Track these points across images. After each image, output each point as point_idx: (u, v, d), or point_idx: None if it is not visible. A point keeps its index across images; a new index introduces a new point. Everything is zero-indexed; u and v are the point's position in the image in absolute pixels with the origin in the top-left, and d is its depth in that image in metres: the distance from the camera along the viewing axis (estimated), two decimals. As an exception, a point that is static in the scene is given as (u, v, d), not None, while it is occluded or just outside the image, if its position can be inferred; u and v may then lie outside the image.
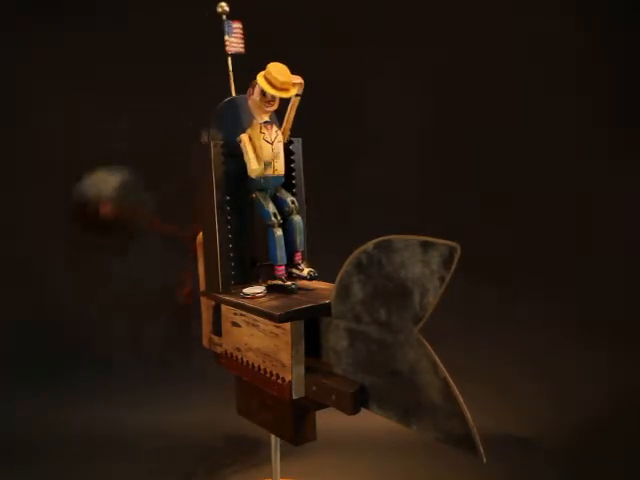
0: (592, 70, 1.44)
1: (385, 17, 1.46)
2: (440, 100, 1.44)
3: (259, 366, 0.69)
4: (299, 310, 0.63)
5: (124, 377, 1.33)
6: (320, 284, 0.73)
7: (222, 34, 0.78)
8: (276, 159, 0.72)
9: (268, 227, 0.72)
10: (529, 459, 1.10)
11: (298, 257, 0.74)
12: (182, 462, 1.12)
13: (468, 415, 0.49)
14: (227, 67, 0.79)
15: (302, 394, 0.65)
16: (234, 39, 0.78)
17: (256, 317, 0.68)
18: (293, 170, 0.79)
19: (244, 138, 0.72)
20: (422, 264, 0.50)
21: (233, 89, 0.79)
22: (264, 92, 0.69)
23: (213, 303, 0.78)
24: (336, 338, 0.61)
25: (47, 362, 1.38)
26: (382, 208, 1.43)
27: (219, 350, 0.78)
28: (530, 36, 1.43)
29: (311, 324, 0.64)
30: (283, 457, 0.87)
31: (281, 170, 0.73)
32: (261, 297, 0.69)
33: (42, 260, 1.43)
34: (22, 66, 1.42)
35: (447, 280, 0.48)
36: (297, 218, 0.74)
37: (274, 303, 0.67)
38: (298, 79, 0.70)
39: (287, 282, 0.71)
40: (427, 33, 1.43)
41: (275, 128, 0.73)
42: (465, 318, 1.34)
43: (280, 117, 0.75)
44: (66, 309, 1.38)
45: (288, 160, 0.78)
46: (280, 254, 0.72)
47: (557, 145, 1.46)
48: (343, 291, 0.59)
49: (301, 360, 0.64)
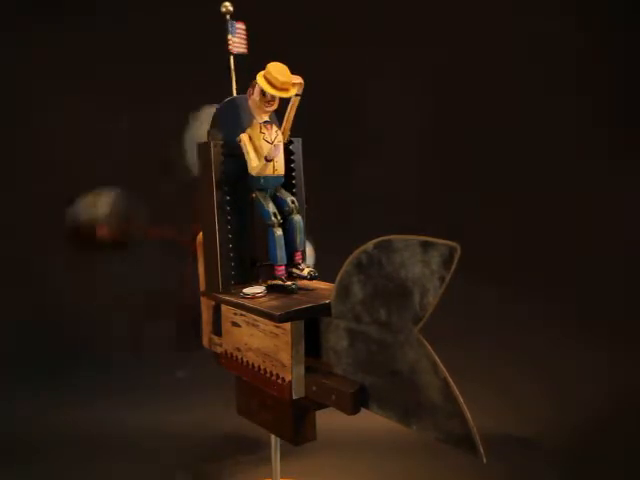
0: (592, 70, 1.44)
1: (385, 17, 1.46)
2: (440, 100, 1.45)
3: (259, 366, 0.69)
4: (299, 310, 0.63)
5: (124, 377, 1.33)
6: (320, 284, 0.73)
7: (223, 34, 0.78)
8: (276, 159, 0.72)
9: (268, 227, 0.72)
10: (529, 459, 1.10)
11: (298, 257, 0.74)
12: (182, 462, 1.12)
13: (468, 415, 0.49)
14: (229, 67, 0.79)
15: (302, 394, 0.65)
16: (237, 39, 0.78)
17: (256, 317, 0.68)
18: (293, 170, 0.79)
19: (244, 138, 0.71)
20: (422, 264, 0.50)
21: (235, 89, 0.79)
22: (264, 92, 0.69)
23: (213, 303, 0.78)
24: (336, 338, 0.61)
25: (47, 362, 1.38)
26: (382, 208, 1.43)
27: (219, 350, 0.78)
28: (530, 36, 1.44)
29: (311, 324, 0.64)
30: (283, 457, 0.87)
31: (281, 170, 0.73)
32: (261, 297, 0.69)
33: (42, 260, 1.44)
34: (22, 66, 1.42)
35: (447, 280, 0.48)
36: (297, 218, 0.74)
37: (274, 303, 0.67)
38: (298, 79, 0.69)
39: (287, 282, 0.71)
40: (427, 33, 1.43)
41: (275, 128, 0.73)
42: (465, 318, 1.34)
43: (280, 117, 0.75)
44: (66, 309, 1.38)
45: (288, 160, 0.78)
46: (280, 254, 0.72)
47: (557, 145, 1.47)
48: (343, 291, 0.58)
49: (301, 360, 0.64)
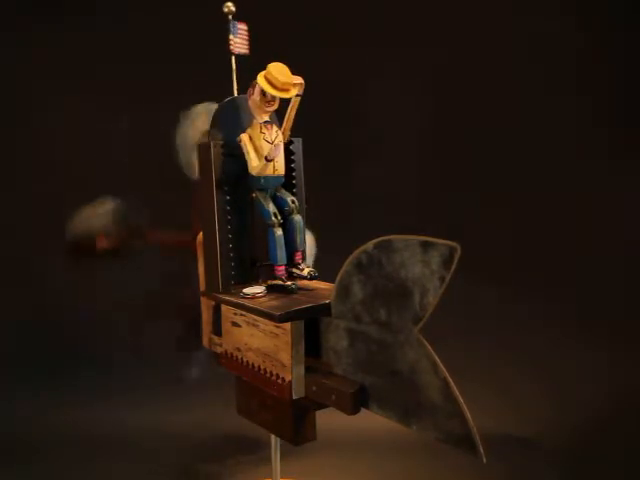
0: (592, 70, 1.44)
1: (385, 17, 1.46)
2: (440, 100, 1.45)
3: (259, 366, 0.69)
4: (299, 310, 0.63)
5: (124, 377, 1.33)
6: (320, 284, 0.73)
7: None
8: (276, 159, 0.72)
9: (268, 227, 0.72)
10: (529, 459, 1.10)
11: (298, 257, 0.74)
12: (182, 462, 1.12)
13: (468, 415, 0.49)
14: (230, 67, 0.79)
15: (302, 394, 0.65)
16: (239, 40, 0.78)
17: (256, 317, 0.68)
18: (293, 170, 0.79)
19: (244, 138, 0.71)
20: (422, 264, 0.50)
21: (236, 89, 0.79)
22: (264, 92, 0.69)
23: (213, 303, 0.78)
24: (336, 338, 0.61)
25: (47, 362, 1.38)
26: (382, 208, 1.43)
27: (219, 350, 0.78)
28: (530, 36, 1.44)
29: (311, 324, 0.64)
30: (283, 457, 0.87)
31: (281, 170, 0.73)
32: (261, 297, 0.69)
33: (42, 260, 1.43)
34: (22, 66, 1.42)
35: (447, 280, 0.48)
36: (297, 218, 0.74)
37: (274, 303, 0.67)
38: (298, 79, 0.69)
39: (287, 282, 0.71)
40: (427, 33, 1.43)
41: (275, 128, 0.73)
42: (465, 318, 1.34)
43: (280, 117, 0.75)
44: (66, 309, 1.38)
45: (288, 160, 0.78)
46: (280, 254, 0.71)
47: (557, 145, 1.47)
48: (343, 291, 0.58)
49: (301, 360, 0.64)
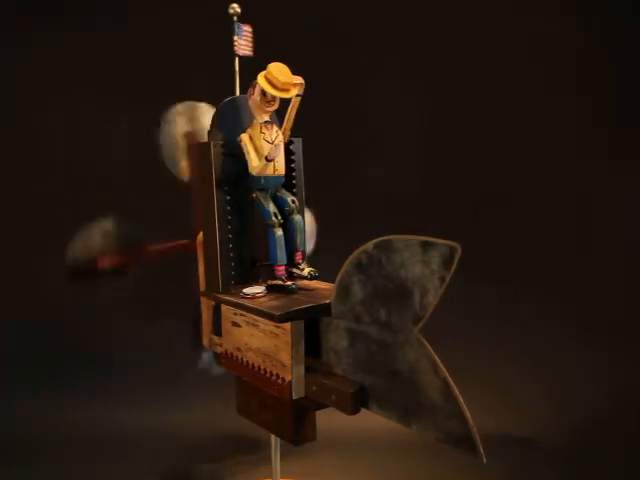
0: (592, 70, 1.44)
1: (385, 17, 1.46)
2: (440, 100, 1.45)
3: (259, 366, 0.69)
4: (299, 310, 0.63)
5: (124, 377, 1.33)
6: (320, 284, 0.73)
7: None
8: (276, 159, 0.72)
9: (268, 227, 0.72)
10: (529, 459, 1.10)
11: (298, 257, 0.74)
12: (182, 462, 1.12)
13: (468, 415, 0.49)
14: (232, 68, 0.79)
15: (302, 394, 0.65)
16: (243, 41, 0.78)
17: (256, 317, 0.68)
18: (293, 170, 0.79)
19: (244, 138, 0.71)
20: (422, 264, 0.50)
21: (238, 90, 0.79)
22: (264, 92, 0.69)
23: (213, 303, 0.78)
24: (336, 338, 0.61)
25: (47, 362, 1.38)
26: (382, 208, 1.43)
27: (219, 350, 0.78)
28: (530, 36, 1.44)
29: (311, 324, 0.64)
30: (283, 457, 0.88)
31: (281, 170, 0.73)
32: (261, 297, 0.69)
33: (42, 260, 1.43)
34: (22, 66, 1.42)
35: (447, 280, 0.48)
36: (297, 218, 0.74)
37: (274, 303, 0.67)
38: (299, 79, 0.69)
39: (287, 282, 0.71)
40: (427, 33, 1.43)
41: (275, 128, 0.72)
42: (465, 318, 1.34)
43: (280, 117, 0.75)
44: (66, 309, 1.38)
45: (288, 160, 0.78)
46: (280, 254, 0.71)
47: (557, 145, 1.47)
48: (343, 291, 0.58)
49: (301, 360, 0.64)
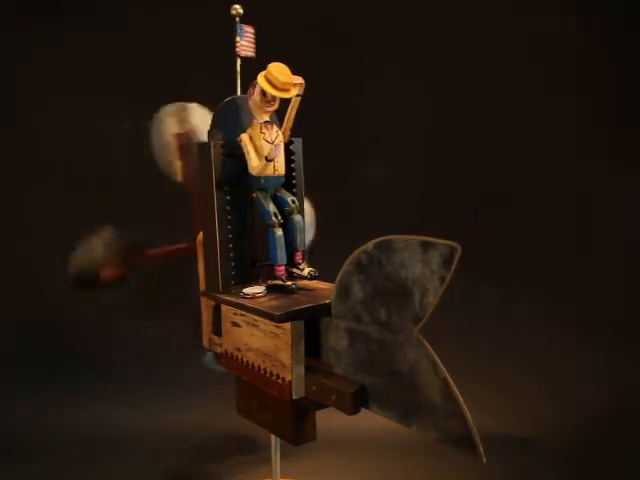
0: (592, 70, 1.44)
1: (385, 17, 1.46)
2: (440, 100, 1.45)
3: (259, 366, 0.69)
4: (299, 310, 0.63)
5: (124, 377, 1.33)
6: (320, 284, 0.73)
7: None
8: (276, 159, 0.72)
9: (268, 227, 0.72)
10: (529, 459, 1.10)
11: (298, 257, 0.74)
12: (182, 462, 1.12)
13: (468, 415, 0.49)
14: (235, 69, 0.78)
15: (302, 394, 0.65)
16: (245, 42, 0.78)
17: (256, 317, 0.68)
18: (293, 170, 0.79)
19: (244, 138, 0.71)
20: (422, 264, 0.50)
21: (239, 91, 0.79)
22: (264, 92, 0.69)
23: (213, 303, 0.78)
24: (336, 338, 0.61)
25: (47, 362, 1.38)
26: (382, 208, 1.43)
27: (219, 350, 0.78)
28: (530, 36, 1.44)
29: (311, 324, 0.64)
30: (283, 457, 0.87)
31: (281, 170, 0.73)
32: (261, 297, 0.69)
33: (42, 260, 1.43)
34: (22, 66, 1.42)
35: (447, 280, 0.48)
36: (297, 218, 0.74)
37: (274, 303, 0.67)
38: (299, 79, 0.69)
39: (287, 282, 0.71)
40: (427, 33, 1.43)
41: (275, 128, 0.72)
42: (465, 318, 1.34)
43: (280, 117, 0.75)
44: (66, 309, 1.38)
45: (288, 160, 0.78)
46: (280, 254, 0.71)
47: (557, 145, 1.46)
48: (343, 291, 0.58)
49: (301, 360, 0.64)
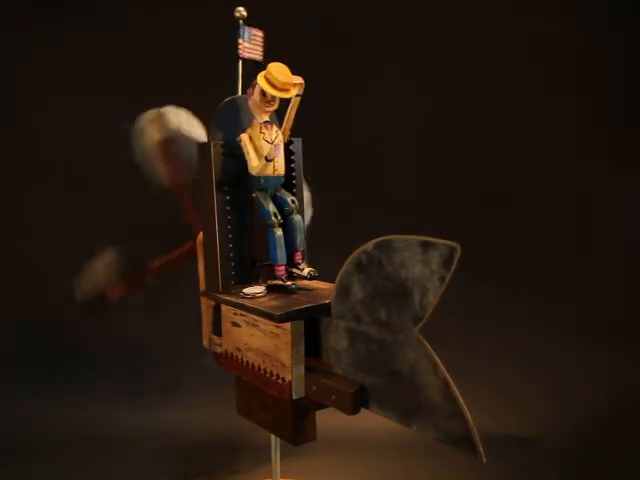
0: (592, 70, 1.44)
1: (385, 17, 1.46)
2: (440, 100, 1.44)
3: (259, 366, 0.69)
4: (299, 310, 0.63)
5: (124, 377, 1.33)
6: (320, 284, 0.73)
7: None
8: (276, 159, 0.72)
9: (268, 227, 0.72)
10: (529, 459, 1.10)
11: (298, 257, 0.74)
12: (182, 462, 1.12)
13: (468, 415, 0.49)
14: (237, 70, 0.78)
15: (302, 394, 0.65)
16: (251, 45, 0.78)
17: (256, 317, 0.68)
18: (293, 170, 0.79)
19: (244, 138, 0.71)
20: (422, 264, 0.50)
21: (240, 92, 0.79)
22: (264, 92, 0.69)
23: (213, 303, 0.78)
24: (336, 338, 0.61)
25: (47, 362, 1.38)
26: (382, 208, 1.43)
27: (219, 350, 0.78)
28: (530, 36, 1.44)
29: (311, 324, 0.64)
30: (283, 457, 0.87)
31: (281, 170, 0.73)
32: (261, 297, 0.69)
33: (42, 260, 1.43)
34: (22, 66, 1.42)
35: (447, 280, 0.48)
36: (297, 218, 0.74)
37: (274, 303, 0.67)
38: (298, 79, 0.69)
39: (287, 282, 0.71)
40: (427, 33, 1.43)
41: (275, 128, 0.72)
42: (465, 318, 1.34)
43: (280, 117, 0.75)
44: (66, 309, 1.38)
45: (288, 160, 0.78)
46: (280, 254, 0.71)
47: (557, 145, 1.46)
48: (343, 291, 0.58)
49: (301, 360, 0.64)
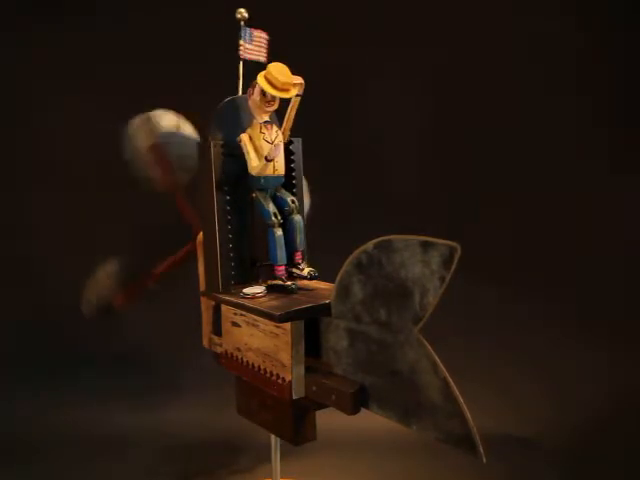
0: (592, 70, 1.44)
1: (385, 17, 1.46)
2: (440, 100, 1.44)
3: (259, 366, 0.69)
4: (299, 310, 0.63)
5: (124, 377, 1.33)
6: (320, 284, 0.73)
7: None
8: (276, 159, 0.72)
9: (268, 227, 0.72)
10: (529, 459, 1.10)
11: (298, 257, 0.74)
12: (182, 462, 1.12)
13: (468, 415, 0.49)
14: (237, 71, 0.78)
15: (302, 394, 0.65)
16: (253, 46, 0.78)
17: (256, 317, 0.68)
18: (293, 170, 0.79)
19: (244, 138, 0.71)
20: (422, 264, 0.50)
21: (240, 93, 0.79)
22: (264, 92, 0.69)
23: (213, 303, 0.78)
24: (336, 338, 0.61)
25: (47, 362, 1.38)
26: (382, 208, 1.43)
27: (219, 350, 0.78)
28: (530, 36, 1.44)
29: (311, 324, 0.64)
30: (283, 457, 0.87)
31: (281, 170, 0.73)
32: (261, 297, 0.69)
33: (42, 260, 1.43)
34: (22, 66, 1.42)
35: (447, 280, 0.48)
36: (297, 218, 0.74)
37: (274, 303, 0.67)
38: (298, 79, 0.69)
39: (287, 282, 0.71)
40: (427, 33, 1.43)
41: (275, 128, 0.72)
42: (465, 318, 1.34)
43: (280, 117, 0.75)
44: (66, 309, 1.38)
45: (288, 160, 0.78)
46: (280, 254, 0.71)
47: (557, 145, 1.46)
48: (343, 291, 0.58)
49: (301, 360, 0.64)
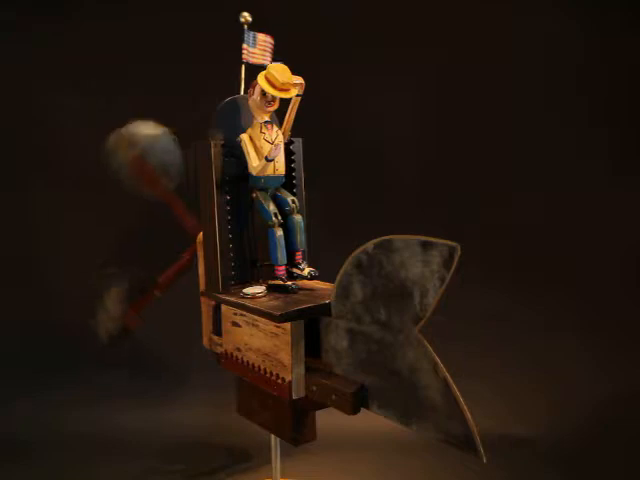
0: (592, 70, 1.44)
1: (385, 17, 1.46)
2: (440, 100, 1.44)
3: (259, 366, 0.69)
4: (299, 310, 0.63)
5: (124, 377, 1.33)
6: (320, 284, 0.73)
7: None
8: (277, 159, 0.72)
9: (269, 227, 0.72)
10: (529, 459, 1.10)
11: (298, 257, 0.74)
12: (182, 462, 1.12)
13: (468, 415, 0.49)
14: (239, 74, 0.78)
15: (302, 394, 0.65)
16: (258, 50, 0.78)
17: (256, 317, 0.68)
18: (293, 170, 0.79)
19: (244, 138, 0.72)
20: (422, 264, 0.50)
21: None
22: (264, 92, 0.69)
23: (213, 303, 0.78)
24: (336, 338, 0.61)
25: (47, 362, 1.38)
26: (382, 208, 1.42)
27: (219, 350, 0.78)
28: (530, 36, 1.43)
29: (311, 324, 0.64)
30: (283, 457, 0.87)
31: (282, 170, 0.73)
32: (261, 297, 0.69)
33: (42, 260, 1.43)
34: (22, 66, 1.42)
35: (447, 280, 0.48)
36: (298, 218, 0.74)
37: (274, 303, 0.67)
38: (299, 79, 0.69)
39: (287, 282, 0.71)
40: (427, 33, 1.43)
41: (275, 128, 0.73)
42: (465, 318, 1.34)
43: (280, 117, 0.75)
44: (66, 309, 1.38)
45: (288, 160, 0.78)
46: (280, 254, 0.72)
47: (557, 145, 1.46)
48: (343, 291, 0.59)
49: (301, 360, 0.64)
